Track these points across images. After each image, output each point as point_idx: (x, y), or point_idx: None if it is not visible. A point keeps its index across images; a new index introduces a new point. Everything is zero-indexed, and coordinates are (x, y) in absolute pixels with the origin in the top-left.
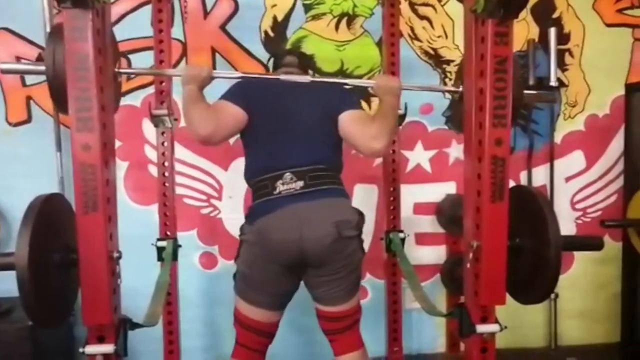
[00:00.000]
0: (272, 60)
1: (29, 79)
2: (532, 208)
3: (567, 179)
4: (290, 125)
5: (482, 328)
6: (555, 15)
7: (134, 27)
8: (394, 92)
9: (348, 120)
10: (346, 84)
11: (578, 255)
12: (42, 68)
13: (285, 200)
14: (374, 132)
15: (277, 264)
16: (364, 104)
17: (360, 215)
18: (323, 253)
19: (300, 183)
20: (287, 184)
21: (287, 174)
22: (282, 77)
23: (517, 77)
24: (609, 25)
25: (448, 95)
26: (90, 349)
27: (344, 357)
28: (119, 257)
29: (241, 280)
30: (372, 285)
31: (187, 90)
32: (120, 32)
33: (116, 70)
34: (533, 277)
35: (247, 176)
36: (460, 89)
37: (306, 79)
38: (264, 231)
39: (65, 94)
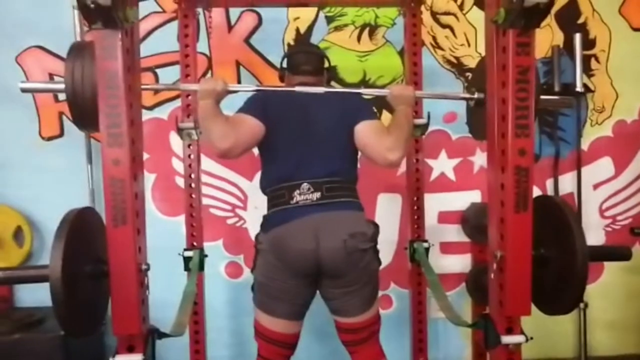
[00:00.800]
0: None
1: (62, 95)
2: (558, 218)
3: (595, 186)
4: (308, 135)
5: (507, 339)
6: (580, 21)
7: (161, 41)
8: (408, 101)
9: (364, 131)
10: (360, 94)
11: (608, 263)
12: (61, 86)
13: (302, 211)
14: (389, 144)
15: (294, 273)
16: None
17: (376, 227)
18: (338, 264)
19: (317, 194)
20: (305, 195)
21: (305, 184)
22: (297, 89)
23: None
24: (636, 30)
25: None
26: (120, 358)
27: None
28: (147, 269)
29: (259, 292)
30: (397, 294)
31: (204, 105)
32: (148, 47)
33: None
34: (559, 288)
35: (263, 185)
36: (475, 95)
37: (320, 89)
38: (281, 240)
39: (83, 111)
